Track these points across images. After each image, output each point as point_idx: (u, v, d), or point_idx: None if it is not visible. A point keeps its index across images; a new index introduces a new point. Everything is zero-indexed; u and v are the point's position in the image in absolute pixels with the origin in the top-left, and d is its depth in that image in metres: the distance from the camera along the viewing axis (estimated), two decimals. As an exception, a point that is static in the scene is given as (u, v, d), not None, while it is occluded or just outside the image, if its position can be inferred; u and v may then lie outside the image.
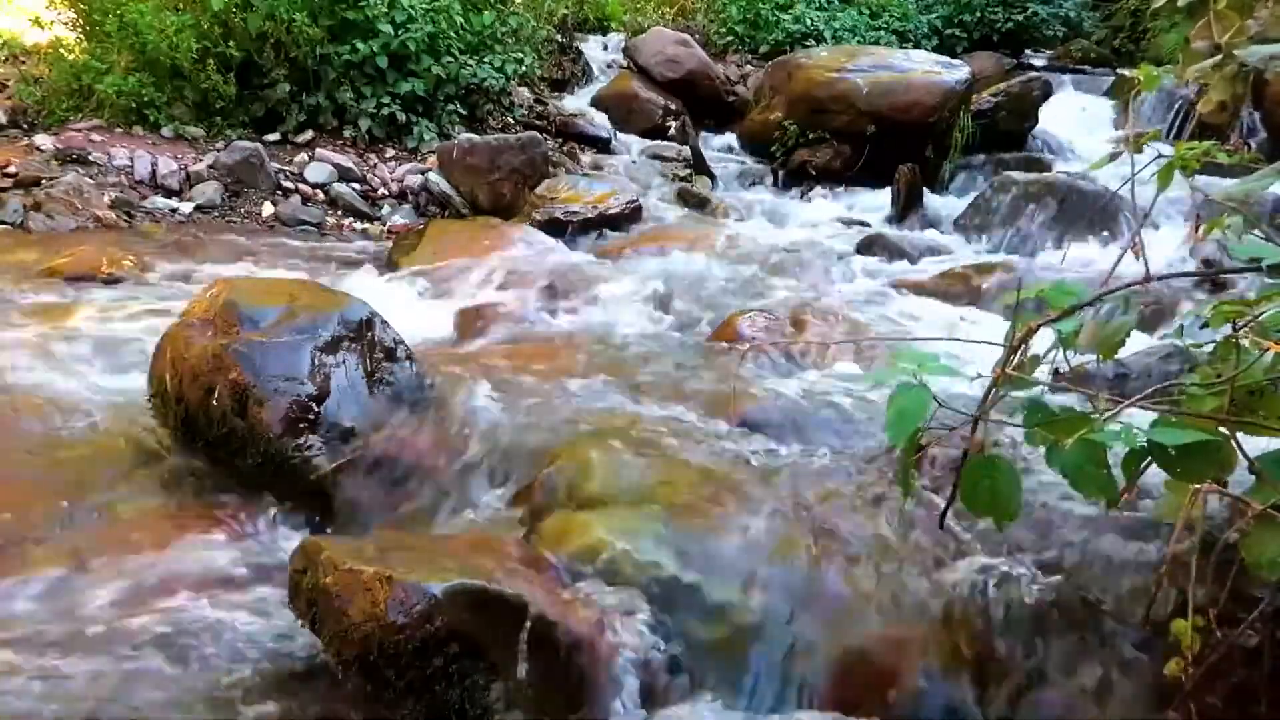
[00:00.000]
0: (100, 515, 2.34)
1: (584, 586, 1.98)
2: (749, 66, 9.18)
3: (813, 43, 9.16)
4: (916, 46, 9.63)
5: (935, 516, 1.99)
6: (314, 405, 2.44)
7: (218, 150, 5.70)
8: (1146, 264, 1.58)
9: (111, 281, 4.11)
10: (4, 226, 4.75)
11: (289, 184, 5.69)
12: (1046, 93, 7.15)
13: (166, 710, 1.76)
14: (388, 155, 6.21)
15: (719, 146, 7.56)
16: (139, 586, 2.09)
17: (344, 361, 2.57)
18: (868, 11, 10.25)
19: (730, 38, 9.76)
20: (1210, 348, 1.54)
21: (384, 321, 2.74)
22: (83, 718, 1.73)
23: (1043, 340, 1.57)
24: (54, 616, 1.98)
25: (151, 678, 1.82)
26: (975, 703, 1.82)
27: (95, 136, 5.60)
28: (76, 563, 2.15)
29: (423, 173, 5.84)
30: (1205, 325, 1.58)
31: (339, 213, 5.64)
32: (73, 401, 2.82)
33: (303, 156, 5.94)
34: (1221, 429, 1.37)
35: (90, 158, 5.41)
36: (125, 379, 2.97)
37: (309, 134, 6.11)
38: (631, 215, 5.34)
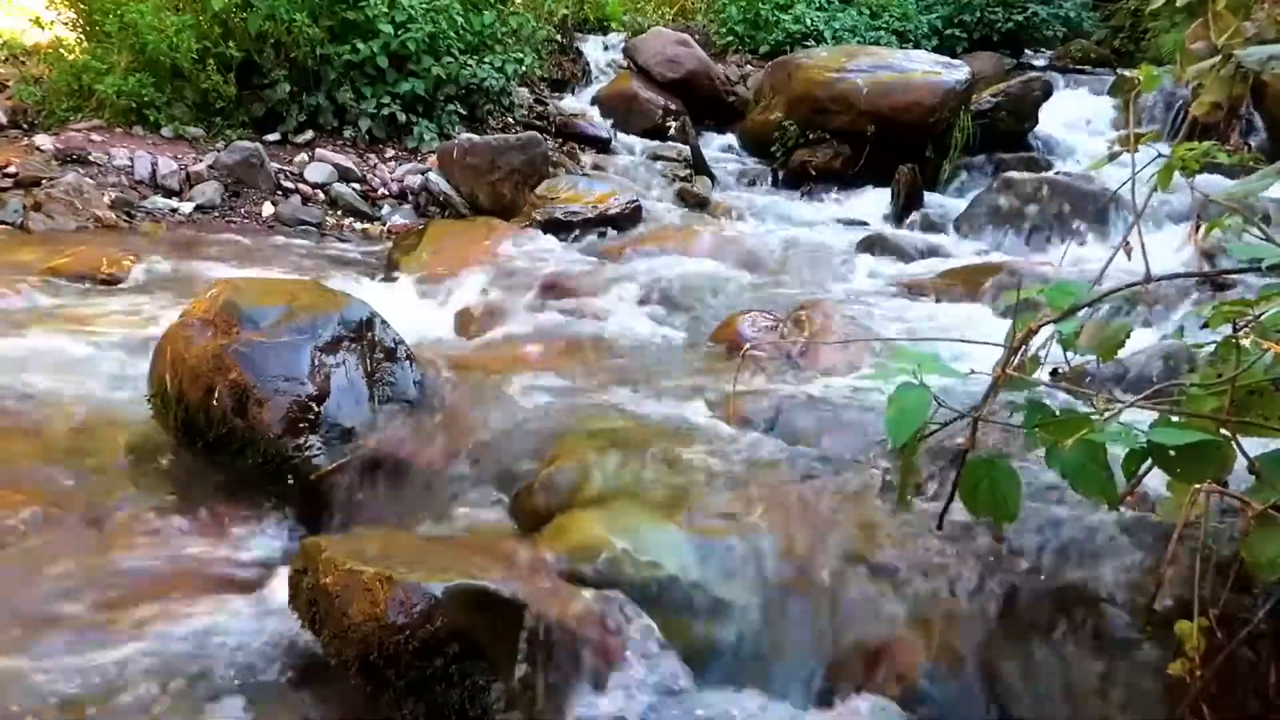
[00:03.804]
0: (99, 515, 2.34)
1: (584, 586, 1.98)
2: (749, 66, 9.17)
3: (813, 43, 9.16)
4: (916, 46, 9.62)
5: (934, 516, 1.98)
6: (314, 405, 2.44)
7: (218, 150, 5.70)
8: (1147, 264, 1.58)
9: (111, 282, 4.11)
10: (4, 226, 4.76)
11: (289, 184, 5.69)
12: (1046, 93, 7.15)
13: (165, 711, 1.75)
14: (388, 155, 6.21)
15: (719, 146, 7.56)
16: (138, 586, 2.09)
17: (344, 362, 2.57)
18: (868, 11, 10.24)
19: (730, 38, 9.76)
20: (1210, 348, 1.53)
21: (384, 321, 2.74)
22: (79, 718, 1.73)
23: (1043, 340, 1.57)
24: (50, 616, 1.98)
25: (149, 678, 1.82)
26: (976, 704, 1.82)
27: (95, 136, 5.61)
28: (74, 563, 2.14)
29: (423, 173, 5.84)
30: (1205, 325, 1.58)
31: (339, 213, 5.65)
32: (72, 401, 2.82)
33: (303, 156, 5.94)
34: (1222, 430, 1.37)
35: (90, 158, 5.41)
36: (125, 379, 2.97)
37: (309, 134, 6.12)
38: (631, 215, 5.33)
